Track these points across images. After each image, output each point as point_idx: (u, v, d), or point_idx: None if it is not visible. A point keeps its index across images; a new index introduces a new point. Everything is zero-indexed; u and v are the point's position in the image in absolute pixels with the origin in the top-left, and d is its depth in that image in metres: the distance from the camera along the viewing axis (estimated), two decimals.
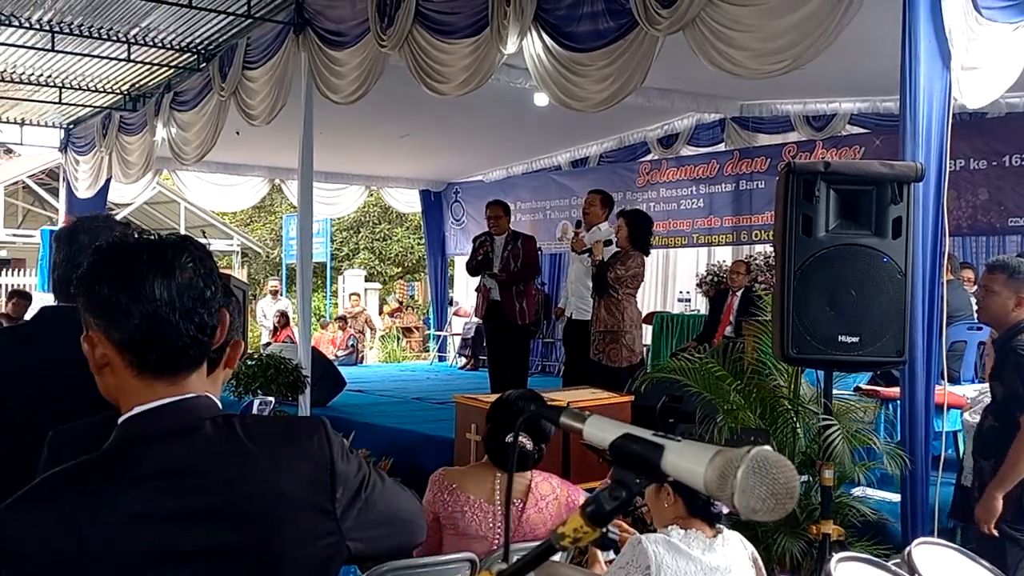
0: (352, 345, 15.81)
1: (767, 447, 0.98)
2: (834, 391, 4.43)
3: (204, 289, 1.47)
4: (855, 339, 4.10)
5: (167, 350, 1.45)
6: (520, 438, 3.31)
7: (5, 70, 10.74)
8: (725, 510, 2.85)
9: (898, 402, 5.36)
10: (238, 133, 9.93)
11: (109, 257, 1.48)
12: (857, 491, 5.18)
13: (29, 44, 9.71)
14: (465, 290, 16.04)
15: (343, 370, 10.60)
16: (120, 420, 1.47)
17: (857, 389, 6.36)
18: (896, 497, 4.98)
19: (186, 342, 1.45)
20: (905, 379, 4.72)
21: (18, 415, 2.45)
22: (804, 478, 4.81)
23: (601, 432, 1.12)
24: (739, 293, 9.56)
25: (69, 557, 1.35)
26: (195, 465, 1.43)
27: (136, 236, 1.53)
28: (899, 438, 4.94)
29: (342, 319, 16.67)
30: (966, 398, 5.84)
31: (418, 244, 23.36)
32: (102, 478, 1.40)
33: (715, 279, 11.10)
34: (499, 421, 3.39)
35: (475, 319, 13.62)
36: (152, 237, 1.52)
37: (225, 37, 9.50)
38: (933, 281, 4.63)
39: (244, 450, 1.47)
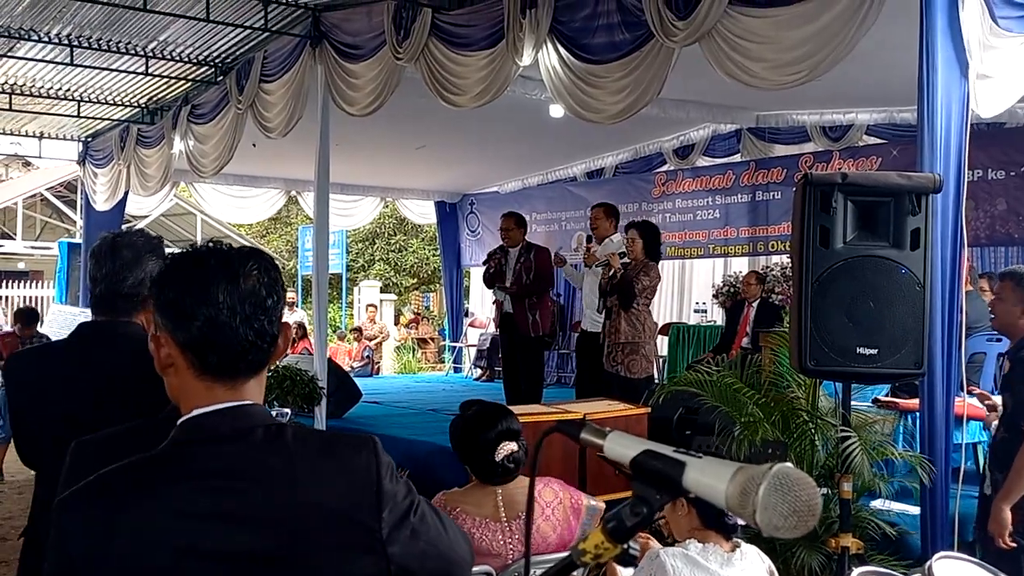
0: (367, 356, 15.83)
1: (788, 464, 0.98)
2: (852, 403, 4.42)
3: (266, 298, 1.54)
4: (873, 351, 4.07)
5: (226, 353, 1.51)
6: (508, 446, 3.28)
7: (25, 84, 10.84)
8: (741, 521, 2.83)
9: (917, 414, 5.32)
10: (254, 145, 9.97)
11: (180, 263, 1.55)
12: (876, 504, 5.14)
13: (49, 58, 9.80)
14: (480, 301, 16.05)
15: (359, 381, 10.60)
16: (179, 421, 1.54)
17: (875, 401, 6.32)
18: (915, 510, 4.94)
19: (244, 347, 1.52)
20: (924, 391, 4.69)
21: (63, 430, 2.47)
22: (823, 491, 4.78)
23: (622, 448, 1.12)
24: (755, 304, 9.54)
25: (114, 546, 1.41)
26: (240, 469, 1.48)
27: (208, 245, 1.59)
28: (918, 451, 4.90)
29: (357, 330, 16.70)
30: (985, 410, 5.79)
31: (433, 255, 23.39)
32: (155, 474, 1.47)
33: (731, 290, 11.07)
34: (478, 444, 3.31)
35: (491, 330, 13.64)
36: (223, 246, 1.58)
37: (242, 50, 9.56)
38: (952, 292, 4.61)
39: (289, 459, 1.51)
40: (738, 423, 4.98)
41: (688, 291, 13.34)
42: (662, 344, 11.61)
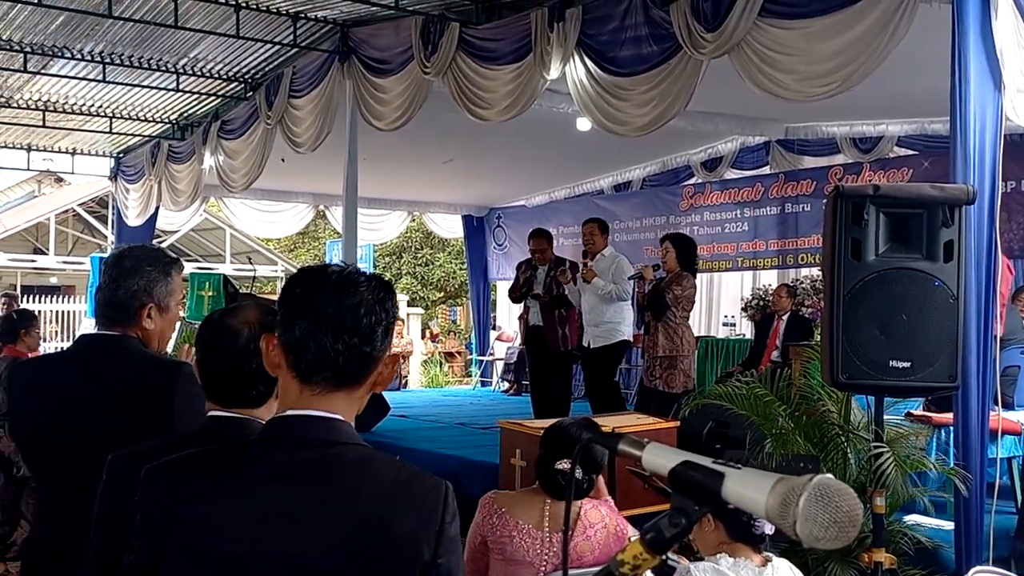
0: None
1: (829, 475, 0.97)
2: (885, 417, 4.37)
3: (363, 317, 1.61)
4: (906, 364, 4.04)
5: (312, 360, 1.59)
6: (568, 463, 3.28)
7: (58, 101, 10.98)
8: (768, 531, 2.81)
9: (951, 428, 5.26)
10: (283, 160, 10.04)
11: (303, 275, 1.67)
12: (910, 518, 5.08)
13: (81, 75, 9.93)
14: (507, 315, 16.05)
15: (387, 395, 10.60)
16: (268, 419, 1.64)
17: (908, 415, 6.25)
18: (949, 525, 4.88)
19: (331, 357, 1.59)
20: (958, 405, 4.64)
21: (68, 439, 2.50)
22: None
23: (661, 459, 1.11)
24: (785, 317, 9.48)
25: (181, 528, 1.52)
26: (314, 476, 1.54)
27: (338, 264, 1.71)
28: (952, 465, 4.85)
29: None
30: (1020, 424, 5.73)
31: (460, 269, 23.42)
32: (231, 465, 1.57)
33: (761, 303, 11.01)
34: (553, 448, 3.35)
35: (518, 344, 13.63)
36: (349, 266, 1.69)
37: (271, 66, 9.65)
38: (986, 305, 4.56)
39: (363, 476, 1.57)
40: (769, 437, 4.94)
41: (717, 304, 13.28)
42: None
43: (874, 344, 4.03)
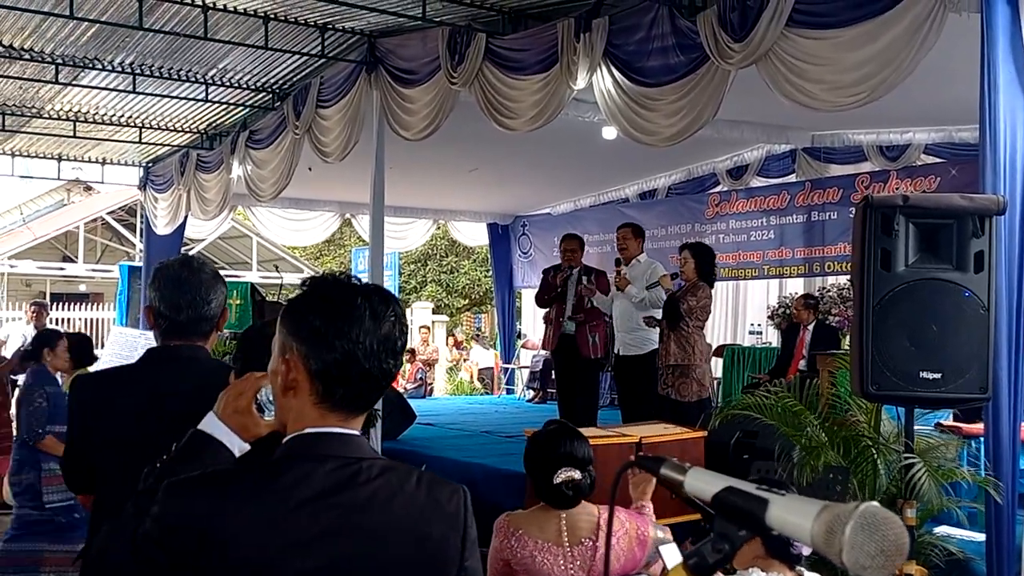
0: (421, 378, 15.88)
1: (875, 503, 0.97)
2: (915, 427, 4.35)
3: (396, 340, 1.62)
4: (937, 375, 4.03)
5: (353, 389, 1.59)
6: (567, 473, 3.27)
7: (88, 112, 11.10)
8: (806, 552, 2.80)
9: (981, 439, 5.23)
10: (310, 169, 10.10)
11: (325, 293, 1.62)
12: (940, 530, 5.05)
13: (112, 86, 10.04)
14: (532, 323, 16.05)
15: (412, 403, 10.65)
16: (288, 437, 1.61)
17: (938, 425, 6.22)
18: (980, 537, 4.85)
19: (370, 385, 1.61)
20: (989, 416, 4.61)
21: (129, 454, 2.50)
22: None
23: (703, 484, 1.12)
24: (810, 327, 9.44)
25: (211, 543, 1.49)
26: (340, 488, 1.55)
27: (348, 279, 1.67)
28: (982, 477, 4.81)
29: (411, 352, 16.78)
30: None
31: (485, 276, 23.46)
32: (259, 482, 1.55)
33: (787, 312, 10.96)
34: (542, 465, 3.31)
35: (543, 352, 13.62)
36: (365, 284, 1.66)
37: (299, 76, 9.72)
38: (1018, 315, 4.52)
39: (388, 486, 1.59)
40: (798, 447, 4.93)
41: (743, 312, 13.23)
42: (716, 366, 11.52)
43: (904, 355, 4.02)
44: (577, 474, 3.27)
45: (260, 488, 1.53)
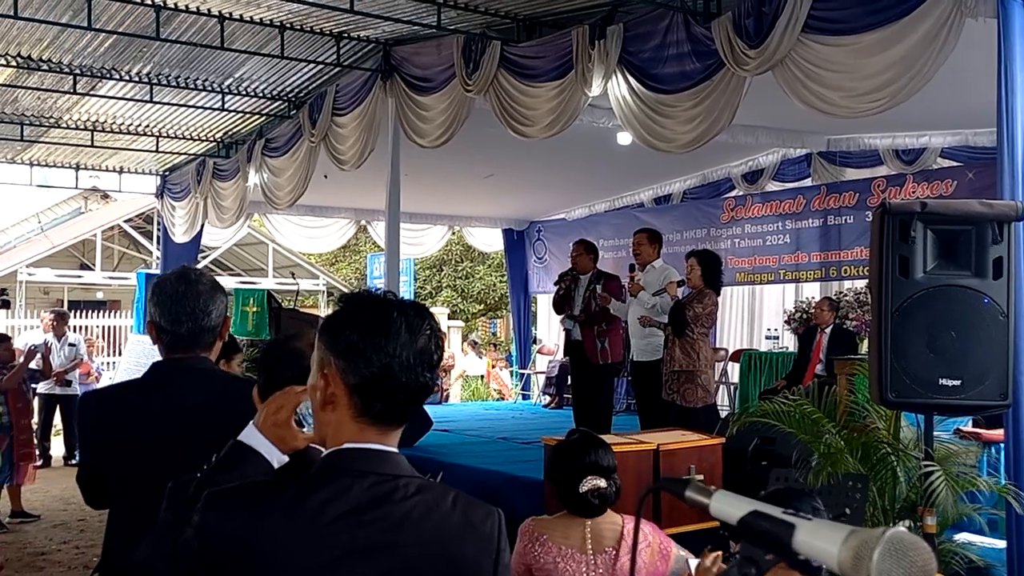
0: (437, 384, 15.86)
1: (902, 529, 0.98)
2: (935, 433, 4.34)
3: (432, 354, 1.64)
4: (956, 382, 4.01)
5: (391, 402, 1.61)
6: (593, 482, 3.28)
7: (106, 121, 11.18)
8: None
9: (1001, 445, 5.20)
10: (326, 176, 10.14)
11: (363, 308, 1.65)
12: (960, 538, 5.03)
13: (129, 96, 10.11)
14: (548, 328, 16.05)
15: (428, 409, 10.62)
16: (327, 452, 1.63)
17: (957, 431, 6.19)
18: (1001, 544, 4.83)
19: (408, 398, 1.62)
20: (1009, 422, 4.59)
21: (141, 467, 2.51)
22: (906, 523, 4.69)
23: (729, 508, 1.13)
24: (828, 331, 9.41)
25: (248, 556, 1.52)
26: (377, 505, 1.57)
27: (384, 294, 1.69)
28: (1003, 483, 4.79)
29: None
30: None
31: (500, 281, 23.47)
32: (298, 496, 1.56)
33: (803, 316, 10.93)
34: (566, 475, 3.34)
35: (559, 357, 13.62)
36: (400, 298, 1.69)
37: (315, 85, 9.76)
38: None
39: (424, 505, 1.60)
40: (817, 454, 4.91)
41: (759, 317, 13.20)
42: (733, 371, 11.50)
43: (923, 362, 4.01)
44: (603, 483, 3.30)
45: (298, 502, 1.55)
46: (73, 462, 11.11)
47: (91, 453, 2.68)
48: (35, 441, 9.93)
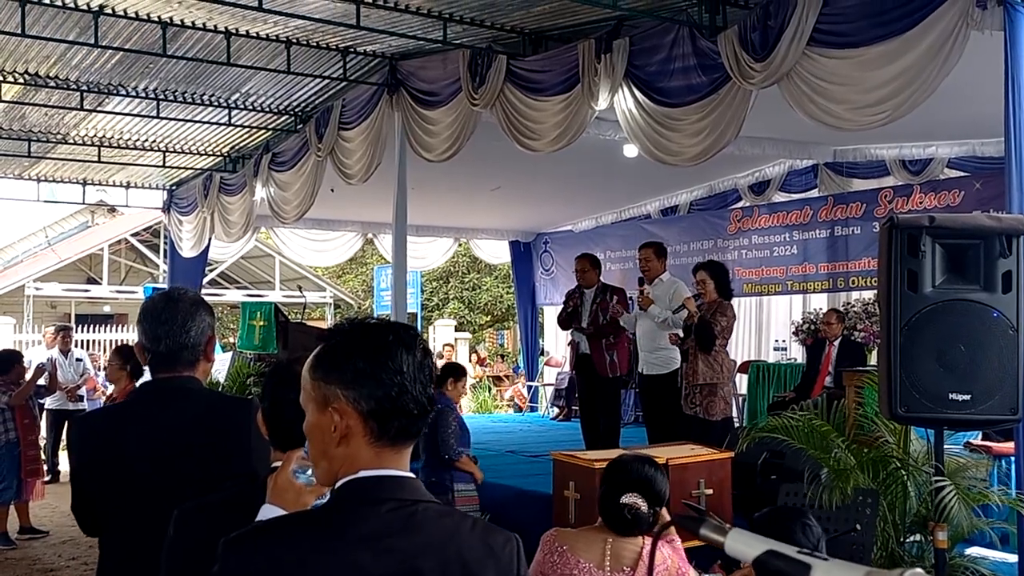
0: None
1: (919, 569, 0.97)
2: (944, 447, 4.32)
3: (429, 367, 1.67)
4: (966, 397, 3.99)
5: (407, 419, 1.63)
6: (634, 498, 3.28)
7: (113, 137, 11.21)
8: None
9: (1011, 458, 5.18)
10: (332, 190, 10.15)
11: (358, 336, 1.66)
12: (971, 551, 5.00)
13: (136, 112, 10.14)
14: (555, 340, 16.04)
15: None
16: (343, 481, 1.62)
17: (967, 445, 6.16)
18: (1013, 558, 4.81)
19: (420, 412, 1.65)
20: (1020, 436, 4.57)
21: (132, 490, 2.50)
22: (916, 538, 4.67)
23: (744, 547, 1.12)
24: (836, 342, 9.38)
25: None
26: (399, 533, 1.57)
27: (366, 319, 1.71)
28: (1014, 497, 4.76)
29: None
30: None
31: (507, 293, 23.48)
32: (319, 531, 1.56)
33: (812, 327, 10.90)
34: (615, 483, 3.36)
35: (566, 369, 13.60)
36: (385, 320, 1.72)
37: (321, 99, 9.78)
38: None
39: (444, 531, 1.61)
40: (826, 468, 4.89)
41: (767, 328, 13.17)
42: (741, 382, 11.46)
43: (933, 377, 4.00)
44: (644, 505, 3.29)
45: (318, 535, 1.55)
46: None
47: (80, 478, 2.65)
48: (43, 457, 9.94)
